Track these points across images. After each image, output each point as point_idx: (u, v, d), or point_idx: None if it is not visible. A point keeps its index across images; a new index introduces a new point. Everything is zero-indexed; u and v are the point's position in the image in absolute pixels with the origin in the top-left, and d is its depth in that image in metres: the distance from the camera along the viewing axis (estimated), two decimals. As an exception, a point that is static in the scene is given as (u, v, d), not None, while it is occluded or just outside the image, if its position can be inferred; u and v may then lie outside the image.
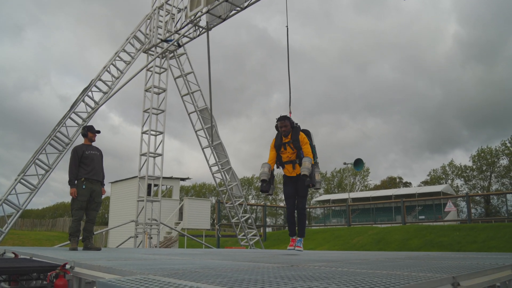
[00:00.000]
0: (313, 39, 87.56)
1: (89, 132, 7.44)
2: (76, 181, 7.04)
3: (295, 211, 6.30)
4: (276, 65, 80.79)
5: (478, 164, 54.59)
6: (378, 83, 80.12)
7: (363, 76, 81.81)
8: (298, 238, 6.23)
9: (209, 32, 11.54)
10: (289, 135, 6.12)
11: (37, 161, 11.50)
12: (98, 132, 7.55)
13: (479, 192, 53.40)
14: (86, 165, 7.14)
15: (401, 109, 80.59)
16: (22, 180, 11.24)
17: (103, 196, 7.46)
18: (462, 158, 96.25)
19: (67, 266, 3.28)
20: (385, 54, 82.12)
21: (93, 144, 7.52)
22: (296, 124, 6.28)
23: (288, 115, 6.41)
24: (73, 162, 7.08)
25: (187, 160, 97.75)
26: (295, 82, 78.45)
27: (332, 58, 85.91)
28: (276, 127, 6.24)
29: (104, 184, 7.50)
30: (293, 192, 6.21)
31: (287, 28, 8.27)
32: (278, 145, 6.17)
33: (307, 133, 6.38)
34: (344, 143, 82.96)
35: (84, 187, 7.00)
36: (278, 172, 6.57)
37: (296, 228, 6.36)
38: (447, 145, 79.73)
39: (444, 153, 79.56)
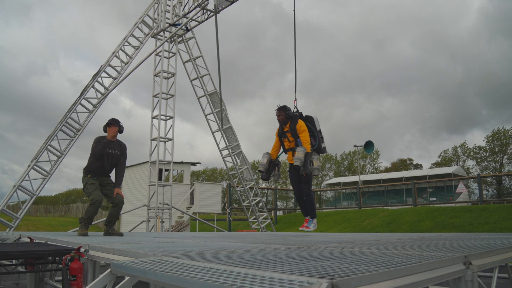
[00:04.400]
0: (331, 14, 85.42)
1: (107, 126, 6.64)
2: (83, 175, 6.59)
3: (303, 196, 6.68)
4: (292, 42, 78.55)
5: (492, 145, 53.99)
6: (396, 60, 77.80)
7: (381, 54, 79.34)
8: (310, 219, 6.63)
9: (218, 14, 11.45)
10: (287, 124, 6.43)
11: (49, 147, 11.62)
12: (117, 127, 6.69)
13: (491, 173, 52.98)
14: (98, 162, 6.58)
15: (419, 87, 78.32)
16: (35, 167, 11.38)
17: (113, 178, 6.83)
18: (480, 138, 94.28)
19: (82, 250, 3.34)
20: (404, 30, 79.28)
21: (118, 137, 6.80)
22: (296, 112, 6.55)
23: (287, 105, 6.65)
24: (92, 154, 6.52)
25: (200, 143, 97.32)
26: (310, 61, 76.71)
27: (349, 35, 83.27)
28: None
29: (120, 186, 6.83)
30: (297, 178, 6.54)
31: (294, 13, 8.26)
32: (280, 133, 6.57)
33: (311, 119, 6.62)
34: (360, 124, 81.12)
35: (95, 178, 6.56)
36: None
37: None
38: (466, 125, 77.54)
39: (462, 133, 77.56)
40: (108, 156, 6.60)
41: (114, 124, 6.68)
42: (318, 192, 37.56)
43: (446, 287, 2.22)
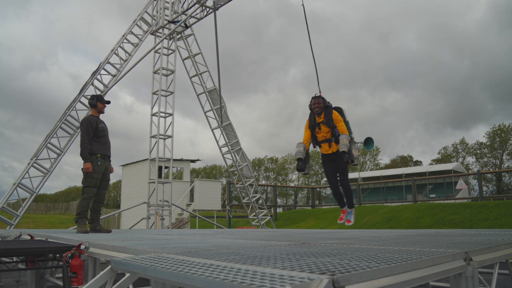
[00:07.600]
0: (336, 5, 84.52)
1: (99, 102, 6.79)
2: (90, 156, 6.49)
3: (340, 187, 6.63)
4: (297, 35, 77.30)
5: (492, 141, 53.84)
6: (401, 54, 76.55)
7: (385, 47, 78.06)
8: (349, 210, 6.66)
9: (219, 10, 11.42)
10: (322, 115, 6.34)
11: (48, 145, 11.61)
12: (108, 102, 6.94)
13: (491, 169, 52.94)
14: (100, 139, 6.58)
15: (424, 82, 77.09)
16: (35, 164, 11.37)
17: (112, 175, 6.97)
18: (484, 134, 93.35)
19: (82, 247, 3.34)
20: (410, 23, 77.82)
21: (101, 116, 6.94)
22: (329, 102, 6.50)
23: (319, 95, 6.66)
24: (87, 134, 6.44)
25: (201, 140, 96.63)
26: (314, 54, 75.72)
27: (353, 27, 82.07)
28: (310, 106, 6.47)
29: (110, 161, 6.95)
30: (333, 170, 6.50)
31: (303, 7, 8.24)
32: (312, 126, 6.42)
33: (340, 110, 6.62)
34: (362, 119, 79.42)
35: (99, 163, 6.48)
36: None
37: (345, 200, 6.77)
38: (471, 120, 76.33)
39: (467, 128, 76.47)
40: (104, 131, 6.77)
41: (103, 101, 6.91)
42: (318, 189, 37.61)
43: (447, 283, 2.22)
